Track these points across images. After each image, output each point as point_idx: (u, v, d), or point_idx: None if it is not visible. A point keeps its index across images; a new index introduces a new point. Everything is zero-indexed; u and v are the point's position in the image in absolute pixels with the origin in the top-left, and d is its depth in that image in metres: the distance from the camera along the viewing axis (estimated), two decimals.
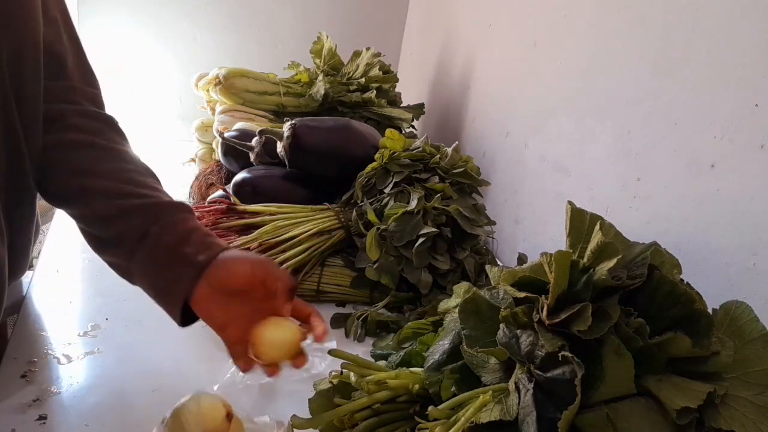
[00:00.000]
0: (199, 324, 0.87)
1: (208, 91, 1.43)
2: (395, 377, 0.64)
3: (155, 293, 0.64)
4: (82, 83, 0.73)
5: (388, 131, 1.09)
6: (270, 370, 0.63)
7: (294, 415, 0.61)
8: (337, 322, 0.94)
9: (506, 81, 1.34)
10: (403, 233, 0.98)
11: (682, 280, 0.60)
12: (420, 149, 1.09)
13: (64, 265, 0.99)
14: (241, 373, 0.67)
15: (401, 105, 1.57)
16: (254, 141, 1.18)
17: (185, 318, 0.64)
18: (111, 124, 0.74)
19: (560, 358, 0.52)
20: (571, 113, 1.08)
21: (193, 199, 1.28)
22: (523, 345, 0.56)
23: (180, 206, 0.67)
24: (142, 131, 1.91)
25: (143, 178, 0.68)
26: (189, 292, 0.61)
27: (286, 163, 1.12)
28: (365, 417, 0.62)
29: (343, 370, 0.66)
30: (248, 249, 0.93)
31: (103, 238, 0.66)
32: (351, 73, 1.51)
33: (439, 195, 1.03)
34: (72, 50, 0.72)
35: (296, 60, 1.54)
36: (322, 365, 0.76)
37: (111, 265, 0.67)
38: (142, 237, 0.62)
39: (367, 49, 1.52)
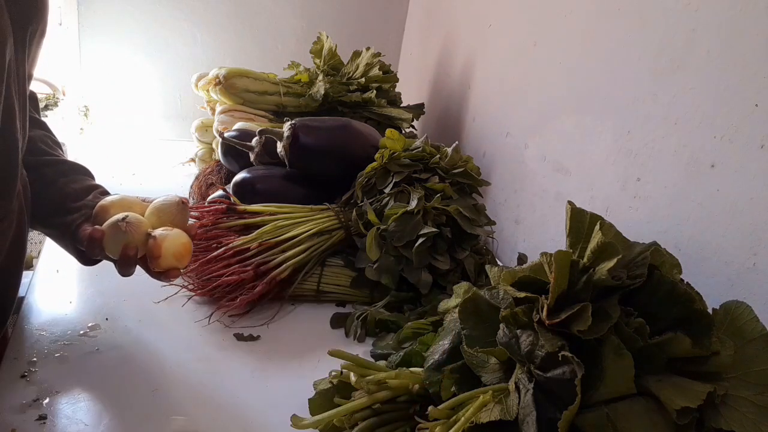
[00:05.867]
0: (200, 324, 0.88)
1: (208, 91, 1.43)
2: (395, 377, 0.64)
3: None
4: None
5: (388, 131, 1.09)
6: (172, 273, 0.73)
7: (294, 415, 0.61)
8: (337, 322, 0.94)
9: (506, 81, 1.34)
10: (403, 233, 0.98)
11: (682, 280, 0.59)
12: (420, 149, 1.09)
13: (64, 265, 0.99)
14: None
15: (401, 105, 1.56)
16: (254, 141, 1.18)
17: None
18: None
19: (560, 358, 0.52)
20: (571, 113, 1.08)
21: (193, 199, 1.28)
22: (523, 345, 0.56)
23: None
24: (142, 131, 1.92)
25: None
26: None
27: (286, 163, 1.12)
28: (365, 417, 0.62)
29: (343, 370, 0.66)
30: (248, 249, 0.94)
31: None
32: (351, 73, 1.51)
33: (439, 195, 1.03)
34: None
35: (296, 60, 1.54)
36: None
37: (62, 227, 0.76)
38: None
39: (367, 49, 1.52)
